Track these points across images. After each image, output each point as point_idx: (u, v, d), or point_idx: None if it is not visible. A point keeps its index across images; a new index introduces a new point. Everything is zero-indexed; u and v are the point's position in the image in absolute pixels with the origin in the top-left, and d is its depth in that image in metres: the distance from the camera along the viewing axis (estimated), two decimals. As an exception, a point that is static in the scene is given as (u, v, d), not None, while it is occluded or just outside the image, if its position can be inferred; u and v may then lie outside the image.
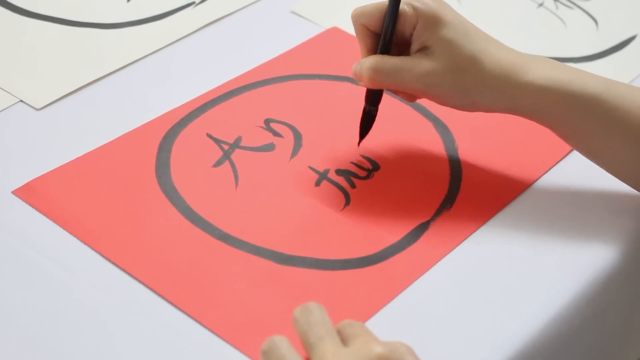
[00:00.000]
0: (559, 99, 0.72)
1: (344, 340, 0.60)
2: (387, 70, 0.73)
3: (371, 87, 0.76)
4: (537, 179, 0.79)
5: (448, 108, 0.76)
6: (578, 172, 0.79)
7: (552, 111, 0.73)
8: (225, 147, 0.80)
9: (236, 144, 0.80)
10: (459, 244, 0.73)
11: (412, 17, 0.73)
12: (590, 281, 0.71)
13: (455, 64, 0.73)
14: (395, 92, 0.77)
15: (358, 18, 0.75)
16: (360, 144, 0.80)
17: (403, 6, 0.73)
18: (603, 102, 0.72)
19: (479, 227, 0.74)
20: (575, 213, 0.76)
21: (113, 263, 0.69)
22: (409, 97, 0.77)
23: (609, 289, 0.73)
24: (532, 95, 0.73)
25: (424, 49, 0.73)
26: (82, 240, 0.71)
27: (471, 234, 0.74)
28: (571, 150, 0.81)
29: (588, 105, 0.72)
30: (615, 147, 0.74)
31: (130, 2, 0.97)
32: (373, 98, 0.77)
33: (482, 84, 0.73)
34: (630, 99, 0.72)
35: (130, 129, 0.81)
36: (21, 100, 0.84)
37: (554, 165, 0.80)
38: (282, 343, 0.60)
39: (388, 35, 0.74)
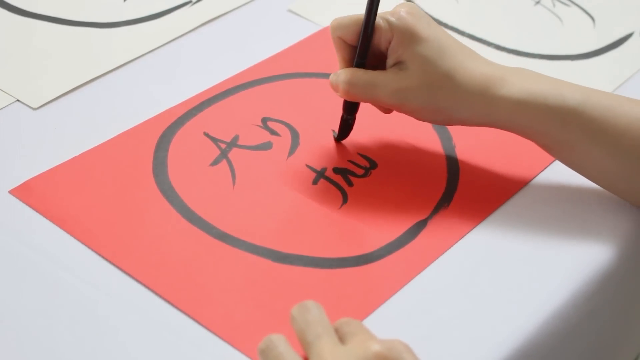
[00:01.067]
0: (536, 113, 0.72)
1: (341, 338, 0.60)
2: (362, 85, 0.74)
3: (347, 99, 0.77)
4: (535, 177, 0.79)
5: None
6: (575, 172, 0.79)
7: (529, 124, 0.73)
8: (223, 145, 0.80)
9: (233, 143, 0.80)
10: (456, 242, 0.73)
11: (387, 31, 0.73)
12: (588, 279, 0.71)
13: (430, 81, 0.73)
14: (372, 104, 0.77)
15: (335, 30, 0.75)
16: (358, 142, 0.80)
17: (379, 20, 0.73)
18: (581, 114, 0.71)
19: (477, 225, 0.74)
20: (572, 211, 0.76)
21: (110, 262, 0.69)
22: (384, 109, 0.78)
23: (606, 287, 0.73)
24: (507, 109, 0.72)
25: (399, 64, 0.74)
26: (79, 240, 0.71)
27: (469, 231, 0.74)
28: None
29: (566, 118, 0.72)
30: (596, 158, 0.73)
31: (126, 1, 0.97)
32: (349, 108, 0.79)
33: (456, 101, 0.73)
34: (609, 109, 0.72)
35: (127, 128, 0.81)
36: (18, 100, 0.84)
37: (551, 163, 0.80)
38: (279, 341, 0.60)
39: (363, 49, 0.74)
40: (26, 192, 0.74)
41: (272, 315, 0.66)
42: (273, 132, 0.81)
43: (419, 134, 0.82)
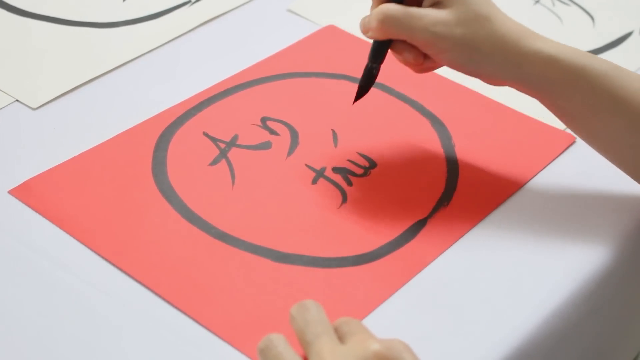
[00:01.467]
0: (567, 70, 0.71)
1: (341, 337, 0.60)
2: (398, 15, 0.72)
3: (379, 35, 0.73)
4: (534, 176, 0.79)
5: (445, 105, 0.76)
6: (575, 168, 0.79)
7: (558, 83, 0.72)
8: (222, 145, 0.80)
9: (233, 143, 0.80)
10: (456, 241, 0.73)
11: None
12: (588, 278, 0.71)
13: (468, 18, 0.72)
14: (400, 52, 0.74)
15: None
16: (357, 142, 0.80)
17: None
18: (610, 79, 0.71)
19: (476, 224, 0.74)
20: (572, 210, 0.76)
21: (110, 262, 0.69)
22: (414, 57, 0.74)
23: (606, 286, 0.73)
24: (539, 63, 0.72)
25: (435, 5, 0.72)
26: (78, 240, 0.71)
27: (468, 231, 0.73)
28: (568, 147, 0.81)
29: (595, 80, 0.71)
30: (616, 128, 0.72)
31: (126, 1, 0.97)
32: (377, 53, 0.75)
33: (491, 44, 0.72)
34: (637, 83, 0.72)
35: (126, 128, 0.81)
36: (17, 100, 0.84)
37: (551, 162, 0.80)
38: (279, 341, 0.60)
39: None
40: (25, 192, 0.74)
41: (272, 315, 0.66)
42: (272, 132, 0.81)
43: (419, 134, 0.82)
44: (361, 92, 0.77)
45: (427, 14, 0.72)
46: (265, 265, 0.70)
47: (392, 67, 0.83)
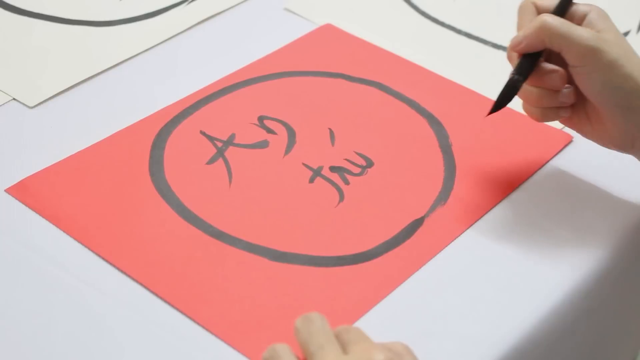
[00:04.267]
0: None
1: (342, 346, 0.60)
2: (557, 23, 0.70)
3: (534, 41, 0.71)
4: (531, 175, 0.79)
5: (442, 104, 0.76)
6: (573, 167, 0.79)
7: None
8: (219, 144, 0.80)
9: (230, 141, 0.80)
10: (453, 240, 0.73)
11: (585, 7, 0.72)
12: (585, 277, 0.71)
13: (625, 47, 0.70)
14: (546, 72, 0.72)
15: None
16: (354, 141, 0.80)
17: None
18: None
19: (474, 223, 0.74)
20: (569, 209, 0.76)
21: (107, 261, 0.69)
22: (561, 78, 0.72)
23: (603, 285, 0.73)
24: None
25: (587, 26, 0.71)
26: (75, 238, 0.71)
27: (465, 229, 0.74)
28: (565, 146, 0.81)
29: None
30: None
31: (122, 0, 0.97)
32: (524, 65, 0.72)
33: (638, 78, 0.70)
34: None
35: (123, 127, 0.81)
36: (14, 99, 0.84)
37: (548, 161, 0.80)
38: (283, 351, 0.60)
39: (562, 8, 0.72)
40: (22, 191, 0.74)
41: (269, 314, 0.66)
42: (269, 131, 0.81)
43: (416, 133, 0.82)
44: (499, 106, 0.74)
45: (585, 28, 0.71)
46: (262, 264, 0.70)
47: (390, 66, 0.84)
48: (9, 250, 0.70)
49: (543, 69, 0.72)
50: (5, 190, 0.74)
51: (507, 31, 0.98)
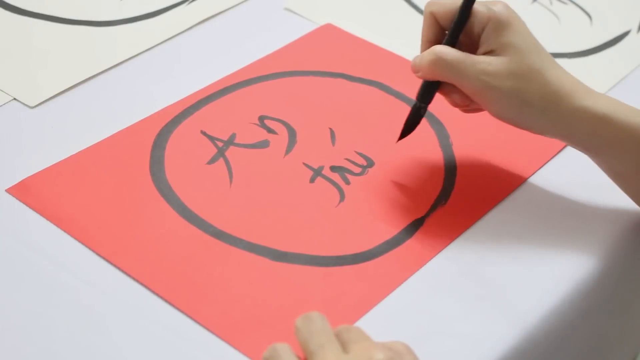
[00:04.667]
0: (618, 130, 0.70)
1: (342, 345, 0.60)
2: (450, 59, 0.71)
3: (429, 76, 0.73)
4: (532, 175, 0.79)
5: (443, 105, 0.76)
6: (573, 167, 0.79)
7: (608, 142, 0.71)
8: (220, 144, 0.80)
9: (230, 141, 0.80)
10: (453, 240, 0.73)
11: (484, 17, 0.72)
12: (585, 277, 0.71)
13: (521, 71, 0.71)
14: (447, 93, 0.74)
15: (431, 5, 0.74)
16: (355, 140, 0.80)
17: (476, 5, 0.72)
18: None
19: (474, 223, 0.74)
20: (569, 209, 0.76)
21: (107, 261, 0.69)
22: (462, 100, 0.74)
23: (603, 285, 0.73)
24: (591, 121, 0.70)
25: (490, 53, 0.72)
26: (76, 238, 0.71)
27: (466, 229, 0.74)
28: (566, 146, 0.81)
29: None
30: None
31: (123, 0, 0.97)
32: (426, 93, 0.75)
33: (541, 99, 0.71)
34: None
35: (124, 127, 0.81)
36: (15, 99, 0.84)
37: (548, 161, 0.80)
38: (284, 350, 0.60)
39: (458, 28, 0.72)
40: (23, 191, 0.74)
41: (270, 313, 0.66)
42: (270, 131, 0.81)
43: (416, 132, 0.82)
44: (407, 132, 0.77)
45: (480, 61, 0.71)
46: (262, 264, 0.70)
47: (391, 65, 0.84)
48: (10, 250, 0.70)
49: (444, 90, 0.74)
50: (5, 190, 0.74)
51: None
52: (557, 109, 0.71)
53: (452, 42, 0.73)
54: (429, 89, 0.75)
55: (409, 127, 0.77)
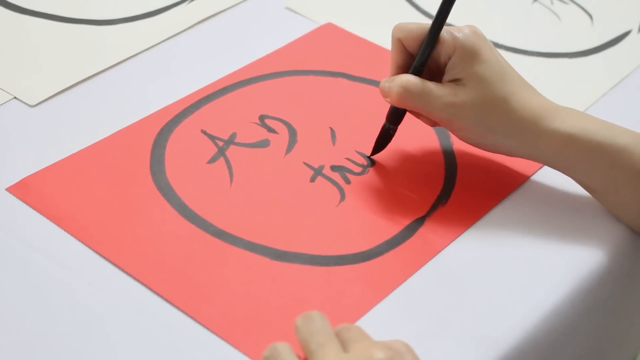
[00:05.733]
0: (586, 149, 0.71)
1: (342, 344, 0.60)
2: (417, 91, 0.73)
3: (398, 105, 0.75)
4: (533, 174, 0.79)
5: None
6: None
7: (577, 161, 0.72)
8: (220, 143, 0.80)
9: (231, 140, 0.80)
10: (454, 240, 0.73)
11: (450, 45, 0.72)
12: (586, 276, 0.71)
13: (485, 102, 0.72)
14: (417, 115, 0.76)
15: (397, 32, 0.75)
16: (355, 140, 0.80)
17: (444, 33, 0.73)
18: (631, 153, 0.70)
19: (474, 223, 0.74)
20: (570, 208, 0.76)
21: (108, 260, 0.69)
22: (431, 122, 0.76)
23: (603, 285, 0.73)
24: (557, 143, 0.72)
25: (456, 81, 0.73)
26: (76, 237, 0.71)
27: (466, 229, 0.74)
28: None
29: (614, 157, 0.71)
30: None
31: (124, -2, 0.97)
32: (395, 117, 0.77)
33: (508, 126, 0.72)
34: None
35: (124, 126, 0.81)
36: (15, 97, 0.84)
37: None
38: (284, 350, 0.60)
39: (424, 57, 0.73)
40: (23, 190, 0.74)
41: (270, 313, 0.66)
42: (270, 130, 0.81)
43: (417, 132, 0.82)
44: (377, 150, 0.79)
45: (446, 93, 0.72)
46: (263, 263, 0.70)
47: (389, 66, 0.83)
48: (10, 248, 0.70)
49: (413, 112, 0.76)
50: (6, 189, 0.74)
51: (508, 30, 0.98)
52: (522, 134, 0.73)
53: (419, 71, 0.74)
54: (397, 112, 0.77)
55: (379, 146, 0.79)
